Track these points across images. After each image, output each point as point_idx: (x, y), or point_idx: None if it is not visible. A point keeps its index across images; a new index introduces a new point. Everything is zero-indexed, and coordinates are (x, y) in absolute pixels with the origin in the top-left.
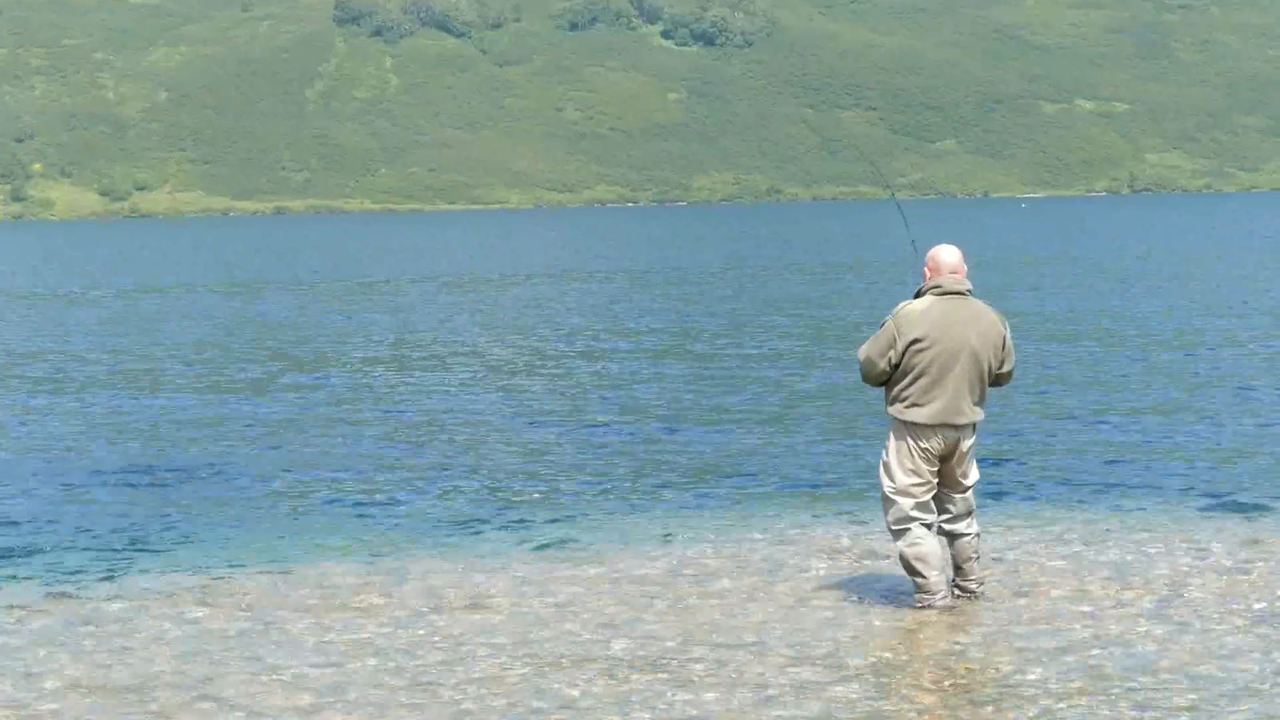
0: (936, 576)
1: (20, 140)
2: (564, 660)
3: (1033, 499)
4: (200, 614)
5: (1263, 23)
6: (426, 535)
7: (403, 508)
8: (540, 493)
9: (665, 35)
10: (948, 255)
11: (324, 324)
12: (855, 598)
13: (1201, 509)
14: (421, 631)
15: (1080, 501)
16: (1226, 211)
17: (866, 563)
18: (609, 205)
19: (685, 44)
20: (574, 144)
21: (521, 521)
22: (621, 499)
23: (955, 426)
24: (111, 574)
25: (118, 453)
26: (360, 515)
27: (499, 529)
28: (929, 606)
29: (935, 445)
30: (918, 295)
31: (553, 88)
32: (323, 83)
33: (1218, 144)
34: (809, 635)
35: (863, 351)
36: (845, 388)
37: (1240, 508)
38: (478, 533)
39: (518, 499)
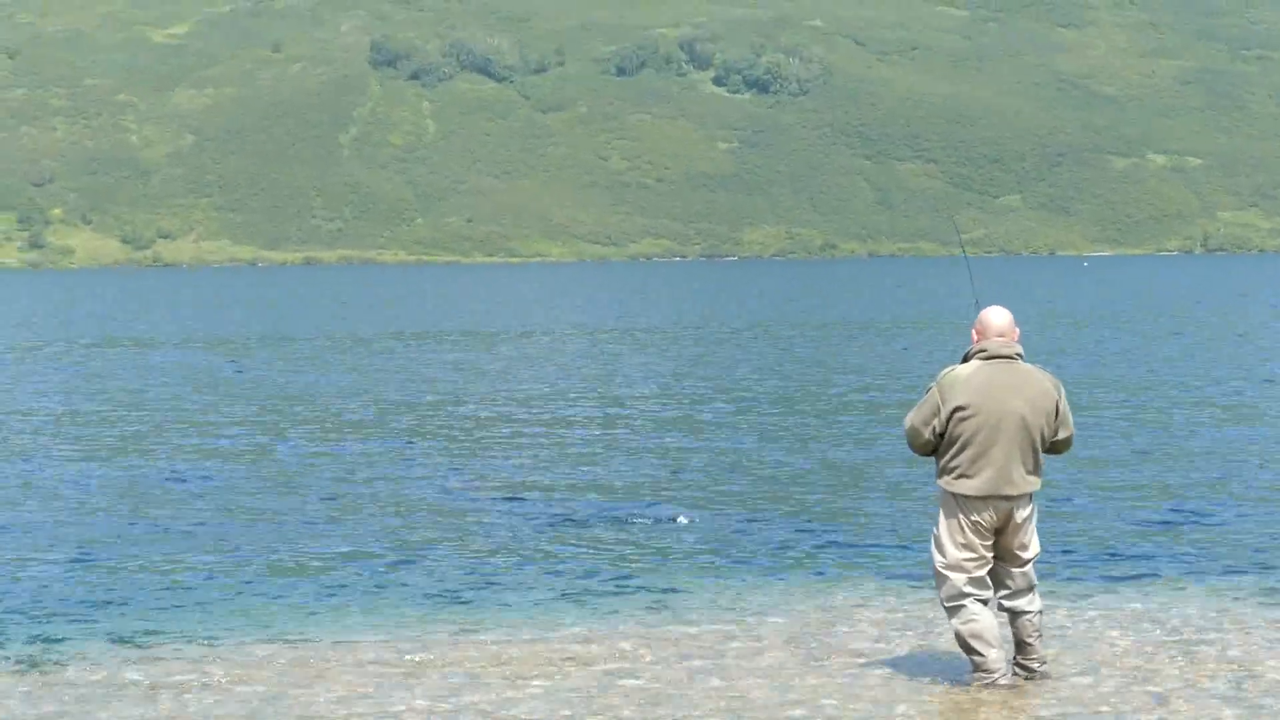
0: (995, 654)
1: (39, 184)
2: None
3: (1099, 572)
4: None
5: None
6: (478, 602)
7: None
8: (584, 556)
9: (717, 82)
10: (996, 318)
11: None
12: (909, 675)
13: (1277, 586)
14: (464, 701)
15: (1148, 576)
16: None
17: (923, 638)
18: (654, 259)
19: (737, 91)
20: (618, 194)
21: (560, 589)
22: (667, 567)
23: (1007, 498)
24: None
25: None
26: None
27: (537, 595)
28: (989, 685)
29: (987, 518)
30: (965, 359)
31: (597, 135)
32: (356, 128)
33: None
34: (861, 713)
35: (908, 420)
36: (902, 455)
37: None
38: (502, 602)
39: (565, 565)
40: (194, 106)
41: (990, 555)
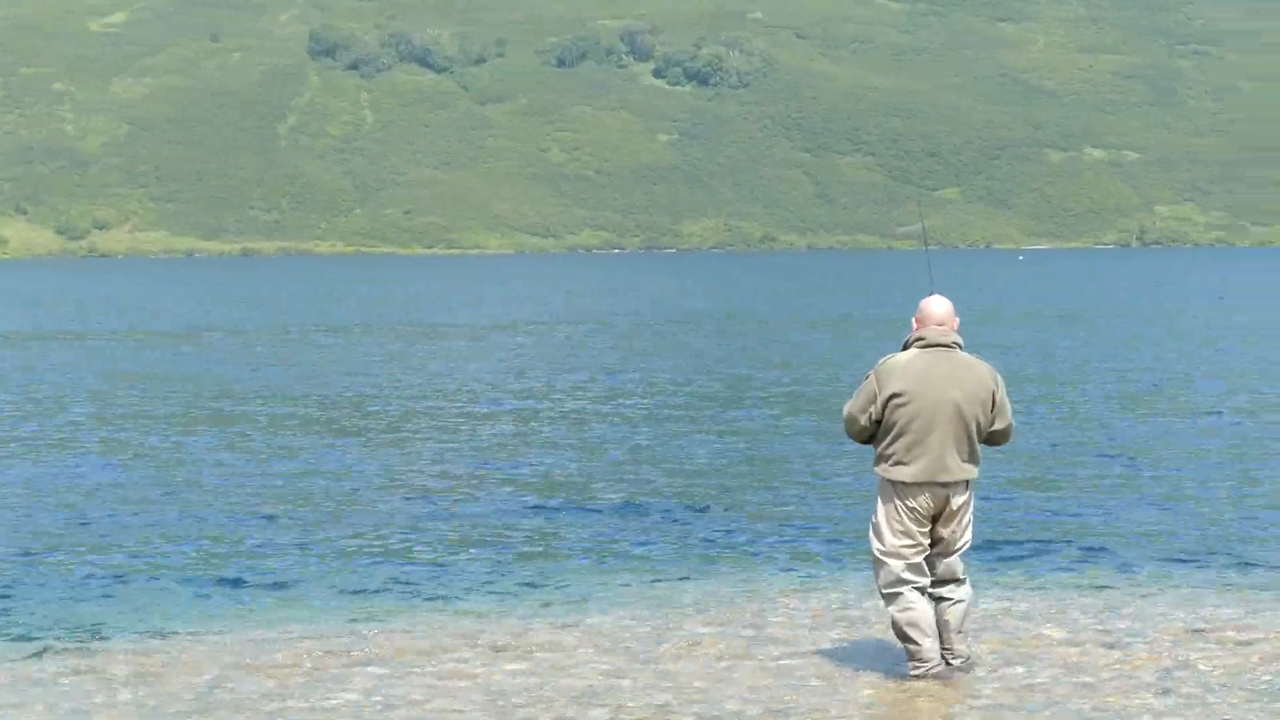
0: (929, 644)
1: None
2: None
3: (1031, 564)
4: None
5: (1279, 70)
6: (403, 597)
7: (385, 571)
8: (513, 550)
9: (657, 74)
10: (935, 307)
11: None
12: (845, 665)
13: (1209, 578)
14: (382, 700)
15: (1080, 567)
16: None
17: (857, 628)
18: (594, 251)
19: (678, 83)
20: (558, 186)
21: (493, 583)
22: (599, 559)
23: (943, 485)
24: None
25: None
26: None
27: (475, 590)
28: (922, 675)
29: (923, 504)
30: (905, 347)
31: (537, 127)
32: (295, 118)
33: (1231, 196)
34: (795, 704)
35: (846, 408)
36: (838, 445)
37: (1250, 576)
38: (444, 595)
39: (489, 558)
40: (131, 96)
41: (926, 543)
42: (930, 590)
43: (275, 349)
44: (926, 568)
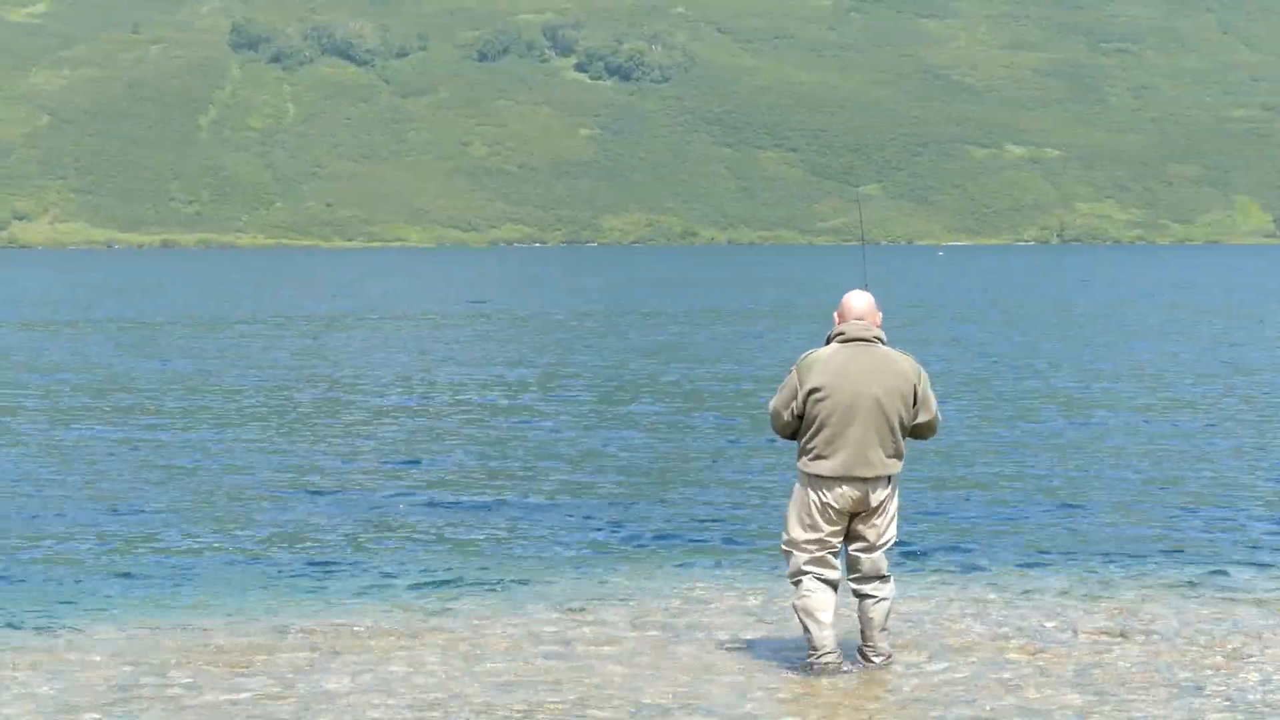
0: (824, 633)
1: None
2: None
3: (952, 561)
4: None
5: (1199, 69)
6: (316, 592)
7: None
8: (434, 546)
9: (579, 68)
10: (856, 301)
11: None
12: (764, 661)
13: (1130, 575)
14: (307, 692)
15: (1002, 564)
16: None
17: (779, 624)
18: (515, 245)
19: (599, 78)
20: (479, 180)
21: (405, 576)
22: (512, 553)
23: (863, 479)
24: None
25: None
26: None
27: (380, 584)
28: (814, 664)
29: (841, 499)
30: (828, 342)
31: (459, 121)
32: (216, 110)
33: (1151, 194)
34: (714, 699)
35: (771, 403)
36: (761, 440)
37: (1170, 574)
38: (370, 585)
39: (409, 555)
40: (51, 87)
41: (836, 540)
42: (854, 586)
43: (182, 341)
44: (833, 562)
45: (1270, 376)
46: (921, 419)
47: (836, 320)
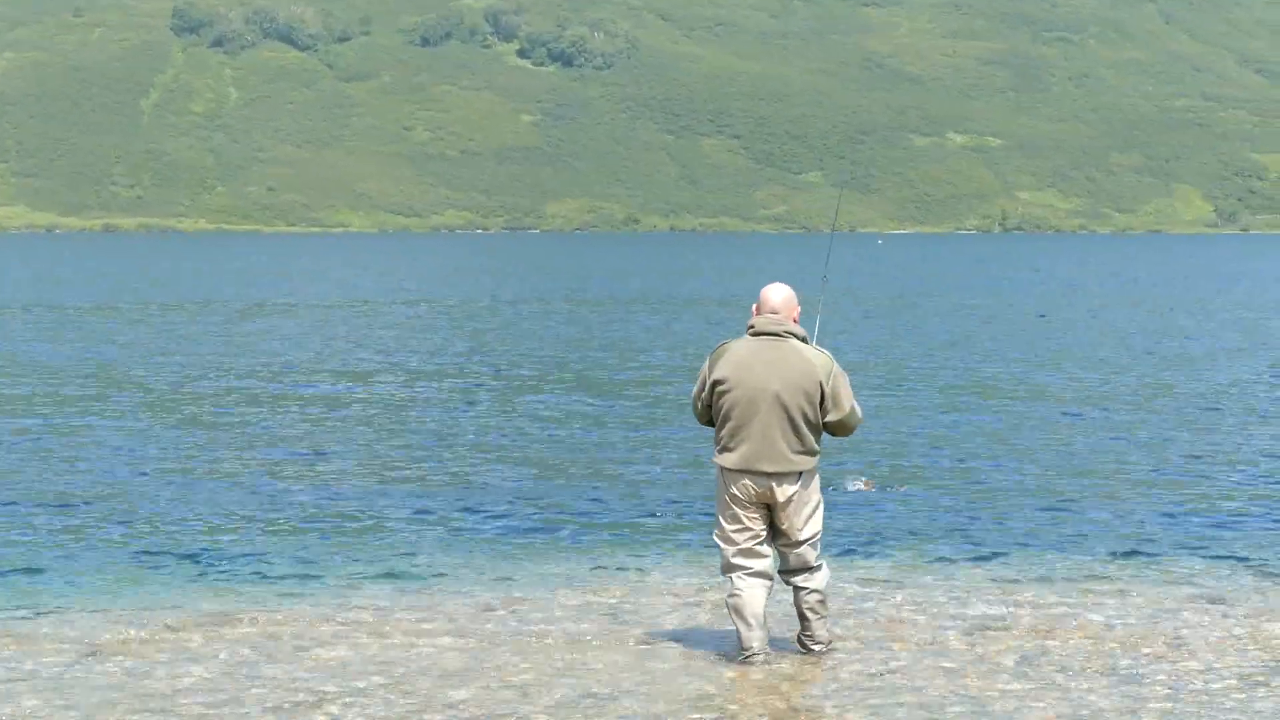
0: (751, 633)
1: None
2: (402, 711)
3: (893, 548)
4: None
5: (1141, 58)
6: (263, 583)
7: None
8: (375, 534)
9: (521, 54)
10: (772, 295)
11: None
12: (707, 648)
13: (1070, 563)
14: (245, 677)
15: (942, 552)
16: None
17: (720, 611)
18: (457, 231)
19: (542, 64)
20: (422, 166)
21: (351, 565)
22: (459, 543)
23: (765, 474)
24: None
25: None
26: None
27: (328, 573)
28: (746, 661)
29: (745, 491)
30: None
31: (401, 106)
32: (158, 94)
33: (1092, 183)
34: (658, 686)
35: (691, 392)
36: (681, 430)
37: (1109, 563)
38: (305, 576)
39: (347, 542)
40: None
41: (759, 529)
42: (785, 579)
43: (100, 327)
44: (761, 550)
45: (1206, 371)
46: (832, 417)
47: (754, 312)
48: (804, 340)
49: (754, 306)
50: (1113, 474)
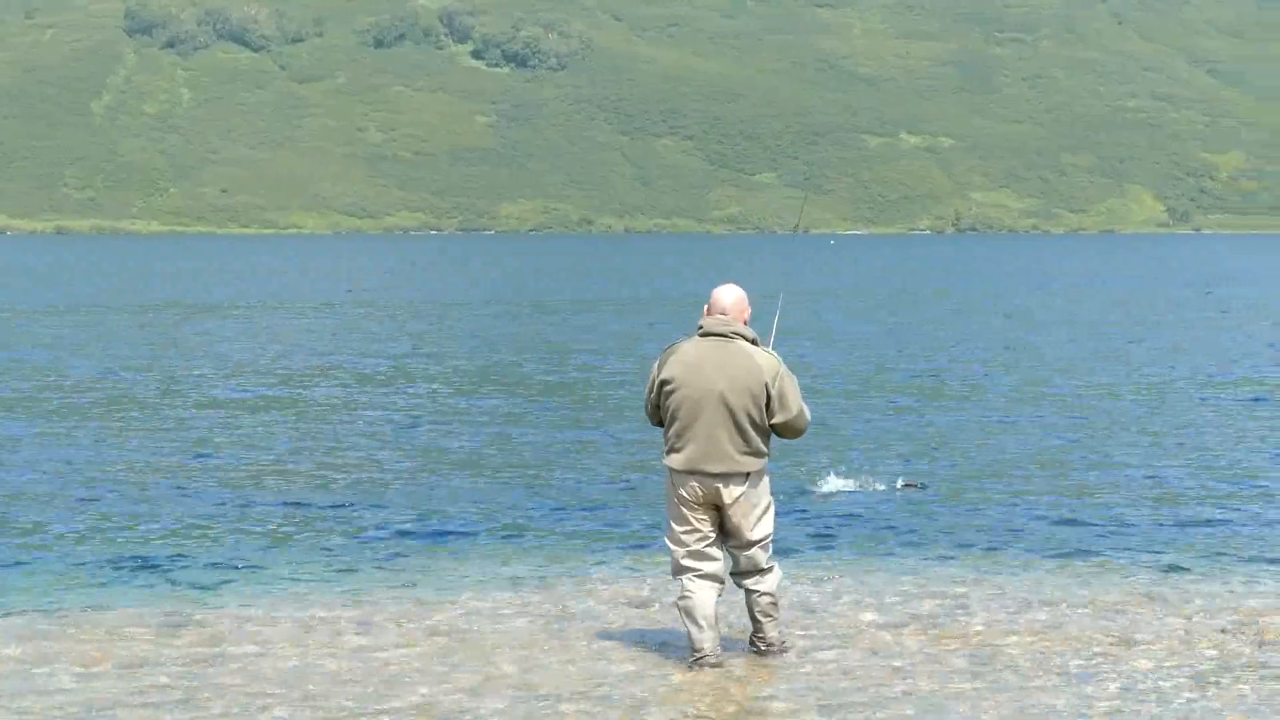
0: (702, 635)
1: None
2: (349, 714)
3: (845, 548)
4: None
5: (1093, 59)
6: (209, 581)
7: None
8: (319, 538)
9: (475, 55)
10: (722, 296)
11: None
12: (658, 650)
13: (1020, 563)
14: (191, 682)
15: (894, 551)
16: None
17: (671, 612)
18: (411, 232)
19: (496, 65)
20: (375, 167)
21: (295, 569)
22: (405, 547)
23: (711, 474)
24: None
25: None
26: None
27: (280, 571)
28: (697, 663)
29: (692, 492)
30: None
31: (354, 107)
32: (110, 96)
33: (1045, 183)
34: (608, 688)
35: (644, 394)
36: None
37: (1059, 562)
38: (249, 581)
39: (290, 547)
40: None
41: (708, 531)
42: (736, 581)
43: (39, 329)
44: (712, 553)
45: (1156, 369)
46: (779, 419)
47: (705, 313)
48: (754, 342)
49: (705, 307)
50: (1062, 474)
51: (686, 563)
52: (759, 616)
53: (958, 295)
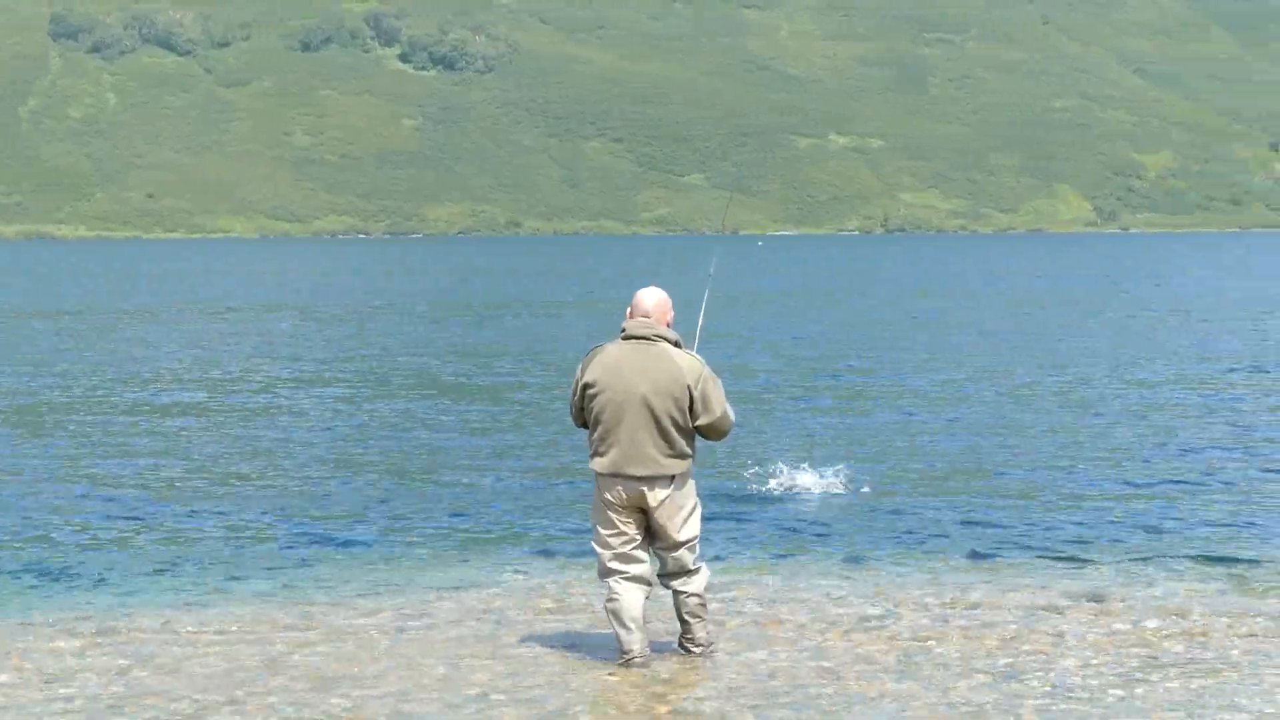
0: (629, 636)
1: None
2: (279, 717)
3: (775, 548)
4: None
5: (1020, 59)
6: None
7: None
8: (247, 544)
9: (402, 58)
10: (643, 298)
11: None
12: (587, 652)
13: (950, 562)
14: (117, 689)
15: (822, 552)
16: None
17: (600, 615)
18: (338, 236)
19: (424, 68)
20: (302, 170)
21: (224, 575)
22: (331, 551)
23: (635, 478)
24: None
25: None
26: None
27: (204, 576)
28: (625, 664)
29: (617, 495)
30: None
31: (281, 111)
32: (36, 100)
33: (973, 183)
34: (538, 690)
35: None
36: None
37: (989, 561)
38: (176, 587)
39: (220, 552)
40: None
41: (634, 533)
42: (664, 582)
43: None
44: (638, 555)
45: (1086, 368)
46: (702, 421)
47: (628, 316)
48: (676, 344)
49: (628, 310)
50: (992, 473)
51: (613, 565)
52: (687, 617)
53: (879, 295)
